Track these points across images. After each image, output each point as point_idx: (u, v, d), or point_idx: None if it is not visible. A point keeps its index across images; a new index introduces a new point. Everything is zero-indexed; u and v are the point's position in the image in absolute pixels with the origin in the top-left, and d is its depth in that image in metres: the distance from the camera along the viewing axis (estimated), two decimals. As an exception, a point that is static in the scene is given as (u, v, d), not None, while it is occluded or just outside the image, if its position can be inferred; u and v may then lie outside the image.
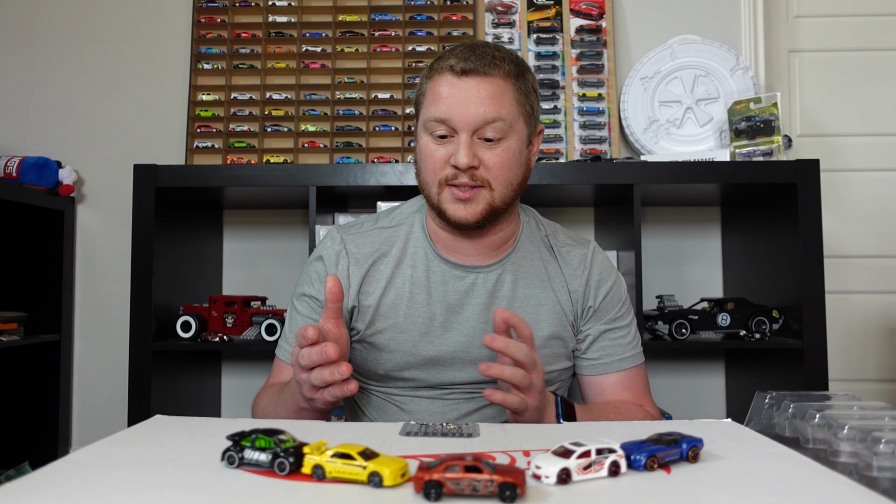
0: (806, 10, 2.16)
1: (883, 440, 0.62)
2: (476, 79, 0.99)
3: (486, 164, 1.00)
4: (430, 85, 1.02)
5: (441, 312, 1.06)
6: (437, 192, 1.02)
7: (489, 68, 0.99)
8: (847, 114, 2.13)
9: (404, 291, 1.06)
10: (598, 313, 1.11)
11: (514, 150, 1.01)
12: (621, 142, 2.06)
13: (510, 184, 1.02)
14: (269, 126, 2.07)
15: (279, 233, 2.09)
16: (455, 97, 0.99)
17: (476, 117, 0.98)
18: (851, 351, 2.09)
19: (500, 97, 0.99)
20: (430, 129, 1.01)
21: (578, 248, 1.13)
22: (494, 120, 0.98)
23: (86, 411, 2.08)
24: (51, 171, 1.98)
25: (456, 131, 0.99)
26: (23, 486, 0.53)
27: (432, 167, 1.02)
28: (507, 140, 1.00)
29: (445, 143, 1.01)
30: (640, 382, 1.12)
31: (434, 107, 1.00)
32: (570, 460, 0.55)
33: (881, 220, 2.11)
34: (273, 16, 2.12)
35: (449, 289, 1.06)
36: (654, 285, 2.01)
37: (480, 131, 0.99)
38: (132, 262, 1.66)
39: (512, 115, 1.00)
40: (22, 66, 2.15)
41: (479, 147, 1.00)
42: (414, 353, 1.05)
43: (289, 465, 0.56)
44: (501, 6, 2.11)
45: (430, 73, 1.04)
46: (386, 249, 1.09)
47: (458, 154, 0.98)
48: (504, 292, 1.07)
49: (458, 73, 0.99)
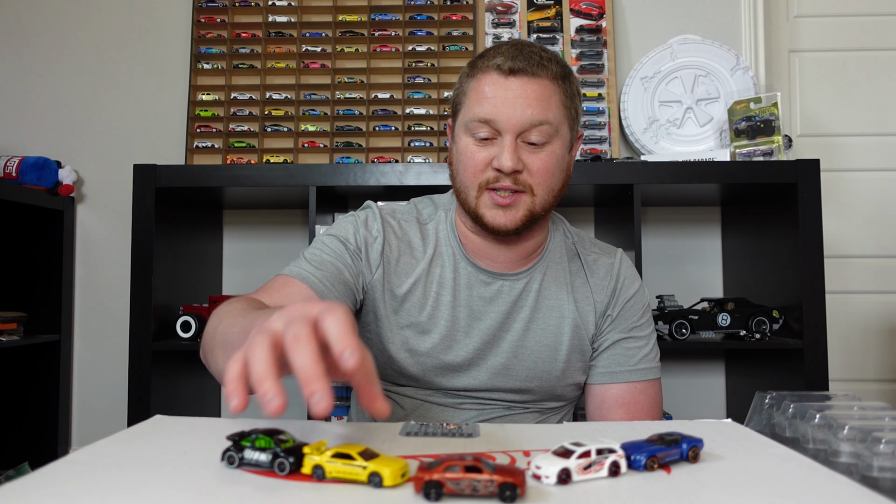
0: (806, 10, 2.16)
1: (883, 440, 0.62)
2: (524, 79, 0.95)
3: (530, 168, 0.96)
4: (474, 84, 0.98)
5: (464, 317, 1.02)
6: (475, 195, 0.98)
7: (537, 69, 0.95)
8: (847, 114, 2.13)
9: (431, 291, 1.03)
10: (617, 321, 1.06)
11: (558, 155, 0.98)
12: (621, 142, 2.06)
13: (552, 190, 0.99)
14: (269, 126, 2.07)
15: (279, 233, 2.09)
16: (501, 97, 0.94)
17: (522, 119, 0.94)
18: (851, 351, 2.09)
19: (547, 99, 0.95)
20: (472, 129, 0.97)
21: (605, 258, 1.10)
22: (541, 123, 0.94)
23: (86, 411, 2.08)
24: (51, 171, 1.98)
25: (500, 133, 0.95)
26: (23, 486, 0.53)
27: (472, 170, 0.97)
28: (551, 144, 0.97)
29: (488, 146, 0.96)
30: (644, 401, 1.05)
31: (478, 107, 0.96)
32: (570, 460, 0.55)
33: (881, 220, 2.11)
34: (273, 16, 2.12)
35: (474, 294, 1.03)
36: (654, 285, 2.01)
37: (525, 134, 0.95)
38: (132, 263, 1.66)
39: (558, 119, 0.97)
40: (22, 66, 2.15)
41: (522, 150, 0.96)
42: (432, 355, 1.01)
43: (289, 465, 0.56)
44: (501, 6, 2.11)
45: (474, 70, 0.99)
46: (420, 245, 1.05)
47: (503, 157, 0.94)
48: (528, 302, 1.04)
49: (506, 72, 0.95)
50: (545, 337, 1.04)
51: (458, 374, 1.02)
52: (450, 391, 1.03)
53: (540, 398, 1.05)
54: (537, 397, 1.05)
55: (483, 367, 1.02)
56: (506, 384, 1.03)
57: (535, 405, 1.06)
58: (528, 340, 1.03)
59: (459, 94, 1.02)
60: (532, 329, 1.03)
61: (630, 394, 1.04)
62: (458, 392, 1.03)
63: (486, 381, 1.02)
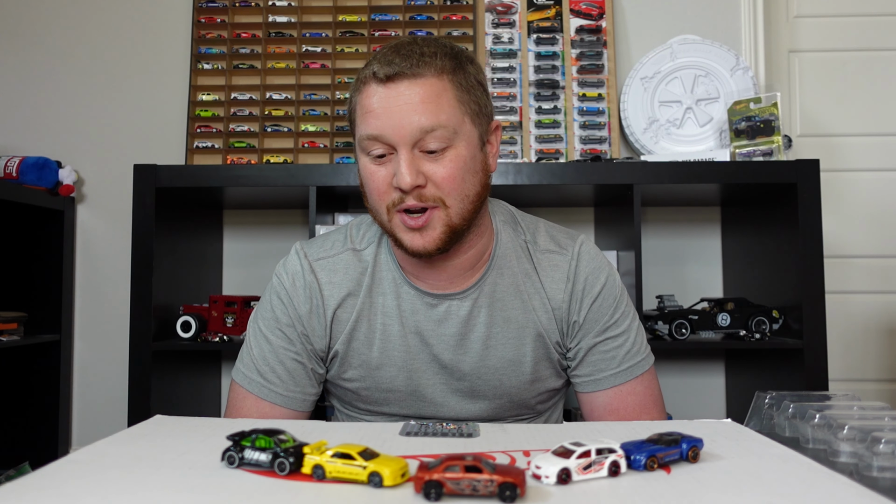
0: (806, 10, 2.16)
1: (883, 440, 0.62)
2: (404, 83, 0.85)
3: (434, 179, 0.86)
4: (359, 98, 0.90)
5: (416, 344, 0.96)
6: (388, 219, 0.90)
7: (417, 68, 0.86)
8: (847, 114, 2.13)
9: (377, 324, 0.96)
10: (586, 326, 0.98)
11: (465, 158, 0.88)
12: (621, 142, 2.06)
13: (466, 196, 0.89)
14: (269, 126, 2.07)
15: (279, 233, 2.09)
16: (384, 108, 0.85)
17: (412, 129, 0.85)
18: (851, 351, 2.09)
19: (435, 100, 0.86)
20: (366, 148, 0.88)
21: (560, 256, 0.99)
22: (434, 128, 0.85)
23: (86, 411, 2.08)
24: (51, 171, 1.98)
25: (394, 148, 0.86)
26: (23, 486, 0.53)
27: (377, 192, 0.89)
28: (453, 148, 0.87)
29: (385, 163, 0.88)
30: (633, 401, 0.98)
31: (364, 123, 0.88)
32: (570, 460, 0.55)
33: (881, 220, 2.10)
34: (273, 16, 2.12)
35: (420, 318, 0.95)
36: (654, 285, 2.00)
37: (421, 143, 0.86)
38: (132, 262, 1.66)
39: (454, 119, 0.87)
40: (22, 66, 2.15)
41: (421, 162, 0.86)
42: (392, 388, 0.97)
43: (289, 465, 0.56)
44: (501, 6, 2.11)
45: (356, 84, 0.91)
46: (358, 277, 0.97)
47: (399, 174, 0.85)
48: (481, 318, 0.96)
49: (383, 79, 0.86)
50: (506, 352, 0.97)
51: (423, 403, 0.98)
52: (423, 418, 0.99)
53: (516, 412, 1.01)
54: (512, 411, 1.01)
55: (447, 392, 0.98)
56: (476, 405, 0.99)
57: (513, 418, 1.02)
58: (489, 359, 0.97)
59: (350, 110, 0.93)
60: (491, 346, 0.97)
61: (617, 398, 0.98)
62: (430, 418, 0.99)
63: (455, 405, 0.98)
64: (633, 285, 1.63)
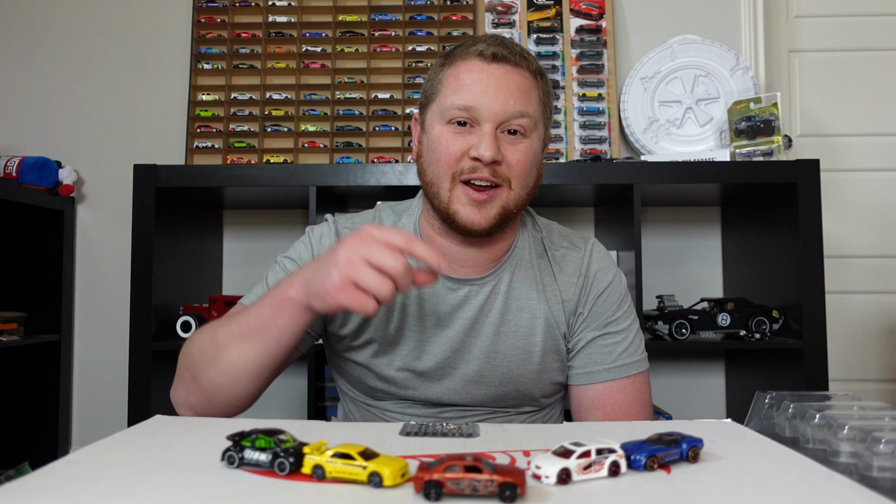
0: (806, 10, 2.16)
1: (883, 440, 0.62)
2: (507, 67, 0.92)
3: (509, 160, 0.92)
4: (451, 71, 0.94)
5: (431, 326, 0.98)
6: (448, 188, 0.93)
7: (520, 59, 0.92)
8: (847, 114, 2.13)
9: (395, 303, 0.98)
10: (590, 318, 1.01)
11: (535, 151, 0.95)
12: (621, 142, 2.06)
13: (527, 185, 0.95)
14: (269, 126, 2.07)
15: (279, 233, 2.09)
16: (483, 85, 0.91)
17: (505, 108, 0.90)
18: (851, 351, 2.09)
19: (528, 91, 0.93)
20: (449, 117, 0.92)
21: (574, 252, 1.04)
22: (522, 115, 0.91)
23: (86, 411, 2.08)
24: (51, 171, 1.98)
25: (478, 122, 0.91)
26: (23, 486, 0.53)
27: (447, 159, 0.92)
28: (529, 138, 0.93)
29: (465, 134, 0.92)
30: (621, 400, 0.99)
31: (456, 95, 0.92)
32: (570, 460, 0.55)
33: (881, 220, 2.11)
34: (273, 16, 2.12)
35: (440, 301, 0.99)
36: (654, 285, 2.00)
37: (505, 124, 0.91)
38: (132, 263, 1.66)
39: (538, 114, 0.94)
40: (22, 66, 2.15)
41: (501, 142, 0.92)
42: (404, 366, 0.98)
43: (289, 465, 0.56)
44: (501, 6, 2.11)
45: (451, 59, 0.96)
46: None
47: (482, 146, 0.89)
48: (496, 305, 0.99)
49: (489, 58, 0.91)
50: (517, 339, 1.00)
51: (431, 384, 0.99)
52: (428, 403, 1.00)
53: (519, 402, 1.02)
54: (516, 401, 1.02)
55: (455, 375, 0.99)
56: (481, 391, 1.00)
57: (515, 410, 1.03)
58: (500, 345, 0.99)
59: (434, 83, 0.97)
60: (503, 332, 0.99)
61: (606, 394, 0.99)
62: (435, 403, 1.00)
63: (461, 389, 0.99)
64: (634, 285, 1.63)
